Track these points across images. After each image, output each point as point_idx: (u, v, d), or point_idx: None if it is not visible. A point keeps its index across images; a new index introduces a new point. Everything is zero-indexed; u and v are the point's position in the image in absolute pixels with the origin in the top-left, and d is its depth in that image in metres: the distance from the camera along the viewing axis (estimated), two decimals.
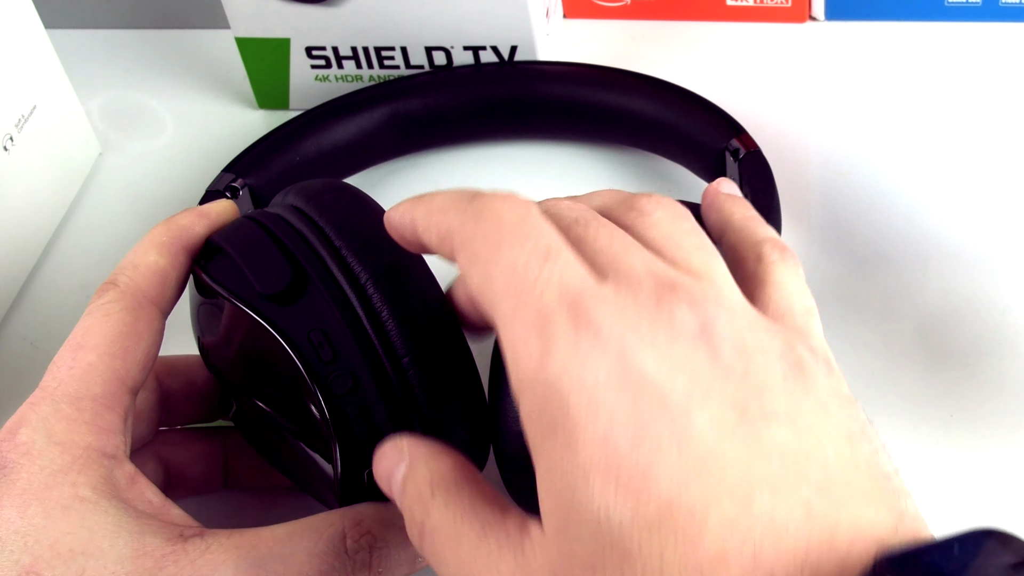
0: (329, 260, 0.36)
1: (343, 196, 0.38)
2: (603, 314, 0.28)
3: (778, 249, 0.34)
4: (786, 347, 0.30)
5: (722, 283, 0.31)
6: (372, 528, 0.35)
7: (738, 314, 0.30)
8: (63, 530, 0.33)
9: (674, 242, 0.31)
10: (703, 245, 0.32)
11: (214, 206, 0.40)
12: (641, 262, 0.30)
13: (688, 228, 0.32)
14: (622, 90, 0.53)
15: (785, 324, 0.31)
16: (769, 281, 0.33)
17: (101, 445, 0.35)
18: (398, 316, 0.35)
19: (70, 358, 0.36)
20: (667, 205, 0.33)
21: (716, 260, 0.31)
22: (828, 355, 0.31)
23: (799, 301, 0.33)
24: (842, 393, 0.30)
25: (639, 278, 0.29)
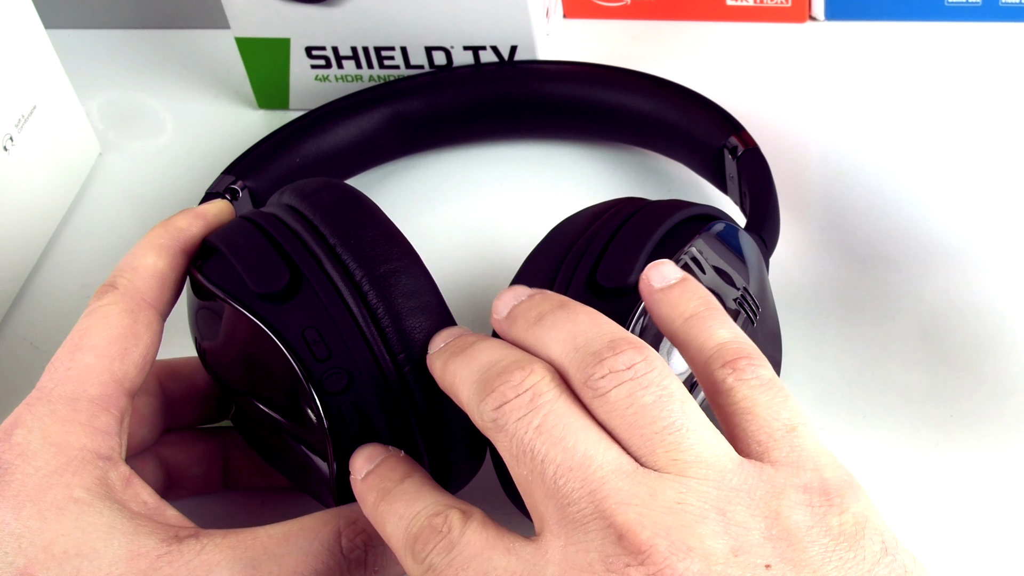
0: (323, 258, 0.36)
1: (337, 194, 0.38)
2: None
3: (729, 366, 0.32)
4: (770, 520, 0.29)
5: (694, 464, 0.30)
6: (367, 527, 0.35)
7: (708, 512, 0.29)
8: (57, 532, 0.33)
9: (638, 430, 0.30)
10: (672, 422, 0.30)
11: (210, 207, 0.40)
12: (588, 501, 0.29)
13: (652, 402, 0.30)
14: (621, 88, 0.53)
15: (771, 460, 0.30)
16: (735, 412, 0.31)
17: (96, 446, 0.35)
18: (393, 314, 0.35)
19: (68, 359, 0.36)
20: (624, 374, 0.31)
21: (686, 435, 0.30)
22: (823, 475, 0.30)
23: (775, 423, 0.31)
24: (846, 533, 0.29)
25: (586, 533, 0.29)
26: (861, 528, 0.29)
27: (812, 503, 0.29)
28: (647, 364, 0.31)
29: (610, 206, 0.41)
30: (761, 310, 0.39)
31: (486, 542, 0.30)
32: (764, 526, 0.29)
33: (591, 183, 0.54)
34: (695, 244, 0.38)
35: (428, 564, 0.31)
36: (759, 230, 0.44)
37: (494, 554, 0.30)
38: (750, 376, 0.31)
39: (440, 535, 0.31)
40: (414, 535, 0.31)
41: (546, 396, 0.31)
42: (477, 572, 0.30)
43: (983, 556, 0.39)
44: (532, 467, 0.30)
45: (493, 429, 0.31)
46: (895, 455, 0.42)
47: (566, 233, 0.40)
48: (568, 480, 0.30)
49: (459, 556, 0.30)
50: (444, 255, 0.51)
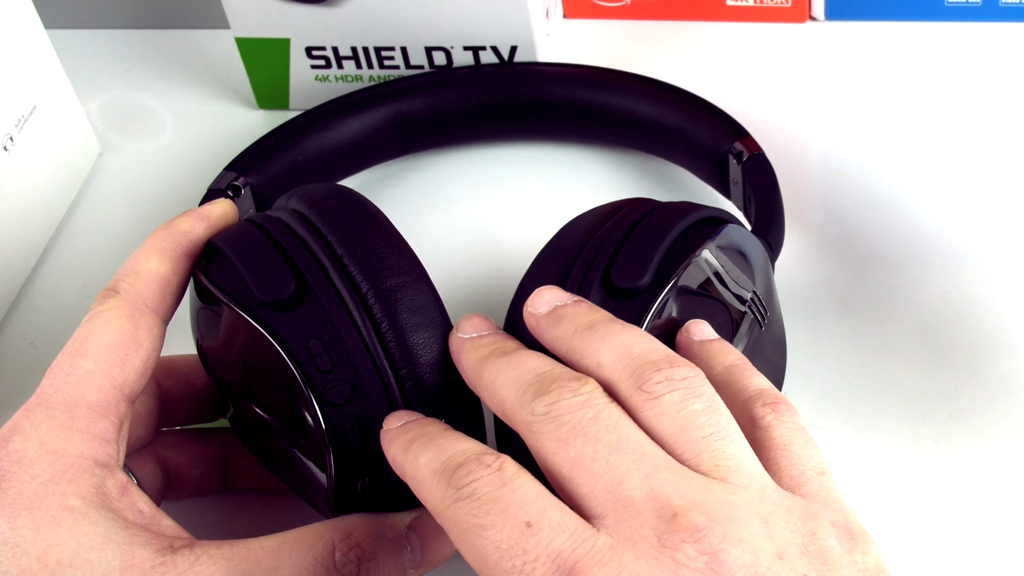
0: (330, 269, 0.36)
1: (346, 203, 0.38)
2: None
3: (770, 407, 0.33)
4: (807, 538, 0.30)
5: (737, 471, 0.30)
6: (361, 541, 0.35)
7: (752, 516, 0.29)
8: (52, 541, 0.33)
9: (686, 434, 0.31)
10: (719, 430, 0.31)
11: (214, 208, 0.40)
12: (643, 482, 0.29)
13: (701, 409, 0.31)
14: (625, 92, 0.53)
15: (803, 494, 0.31)
16: (771, 447, 0.32)
17: (93, 454, 0.35)
18: (397, 329, 0.35)
19: (67, 364, 0.36)
20: (679, 383, 0.32)
21: (731, 444, 0.31)
22: (848, 519, 0.31)
23: (808, 463, 0.32)
24: (868, 570, 0.30)
25: (638, 511, 0.29)
26: (881, 571, 0.30)
27: (840, 537, 0.30)
28: (700, 379, 0.32)
29: (621, 206, 0.41)
30: (769, 314, 0.40)
31: (541, 492, 0.30)
32: (801, 542, 0.29)
33: (592, 185, 0.54)
34: (707, 247, 0.38)
35: (470, 492, 0.30)
36: (765, 235, 0.44)
37: (549, 505, 0.30)
38: (787, 419, 0.33)
39: (491, 469, 0.30)
40: (457, 463, 0.31)
41: (600, 400, 0.32)
42: (529, 515, 0.29)
43: (983, 556, 0.39)
44: (583, 448, 0.30)
45: (543, 421, 0.31)
46: (895, 455, 0.42)
47: (577, 232, 0.40)
48: (623, 462, 0.30)
49: (511, 495, 0.30)
50: (445, 256, 0.51)
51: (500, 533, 0.29)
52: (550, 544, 0.29)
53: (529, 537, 0.29)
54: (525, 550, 0.29)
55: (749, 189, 0.47)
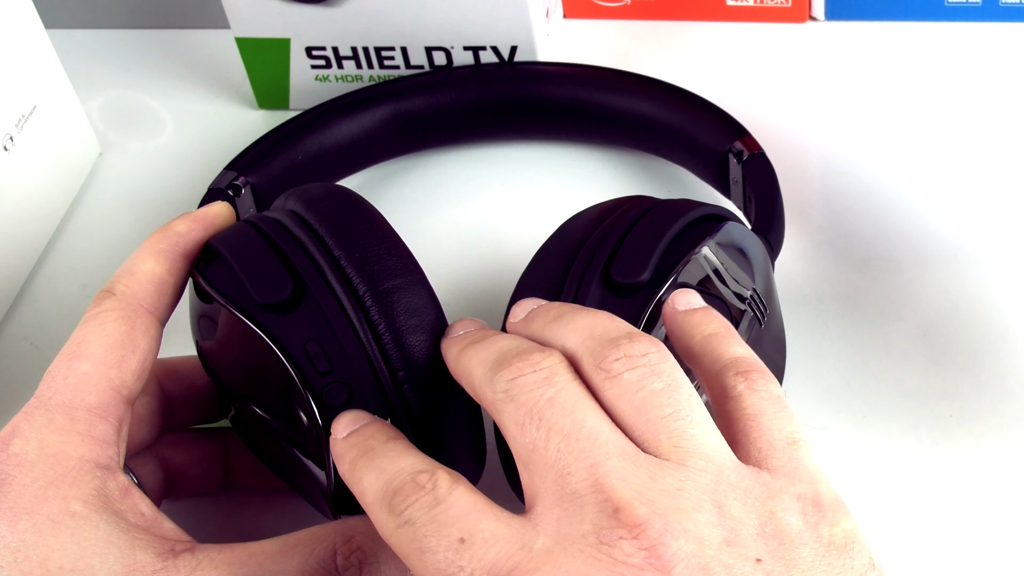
0: (328, 271, 0.36)
1: (343, 204, 0.38)
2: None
3: (742, 376, 0.32)
4: (764, 518, 0.29)
5: (694, 453, 0.30)
6: (363, 543, 0.35)
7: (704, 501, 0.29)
8: (53, 546, 0.33)
9: (644, 414, 0.30)
10: (678, 409, 0.30)
11: (211, 210, 0.40)
12: (588, 473, 0.29)
13: (661, 388, 0.31)
14: (625, 92, 0.53)
15: (770, 468, 0.30)
16: (741, 418, 0.32)
17: (94, 456, 0.35)
18: (395, 331, 0.35)
19: (65, 367, 0.36)
20: (637, 360, 0.31)
21: (690, 423, 0.30)
22: (818, 489, 0.30)
23: (778, 433, 0.31)
24: (835, 543, 0.29)
25: (581, 506, 0.29)
26: (850, 542, 0.29)
27: (805, 511, 0.30)
28: (660, 356, 0.32)
29: (621, 203, 0.41)
30: (768, 312, 0.40)
31: (474, 505, 0.30)
32: (758, 523, 0.29)
33: (592, 184, 0.54)
34: (707, 244, 0.38)
35: (407, 518, 0.30)
36: (765, 234, 0.44)
37: (482, 517, 0.30)
38: (760, 388, 0.32)
39: (424, 490, 0.30)
40: (395, 488, 0.31)
41: (561, 376, 0.31)
42: (461, 532, 0.29)
43: (983, 556, 0.39)
44: (537, 435, 0.30)
45: (503, 399, 0.31)
46: (895, 455, 0.42)
47: (577, 229, 0.40)
48: (572, 451, 0.30)
49: (443, 513, 0.30)
50: (444, 256, 0.51)
51: (437, 555, 0.29)
52: (484, 557, 0.29)
53: (463, 553, 0.29)
54: (460, 567, 0.29)
55: (749, 188, 0.47)
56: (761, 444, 0.31)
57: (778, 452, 0.31)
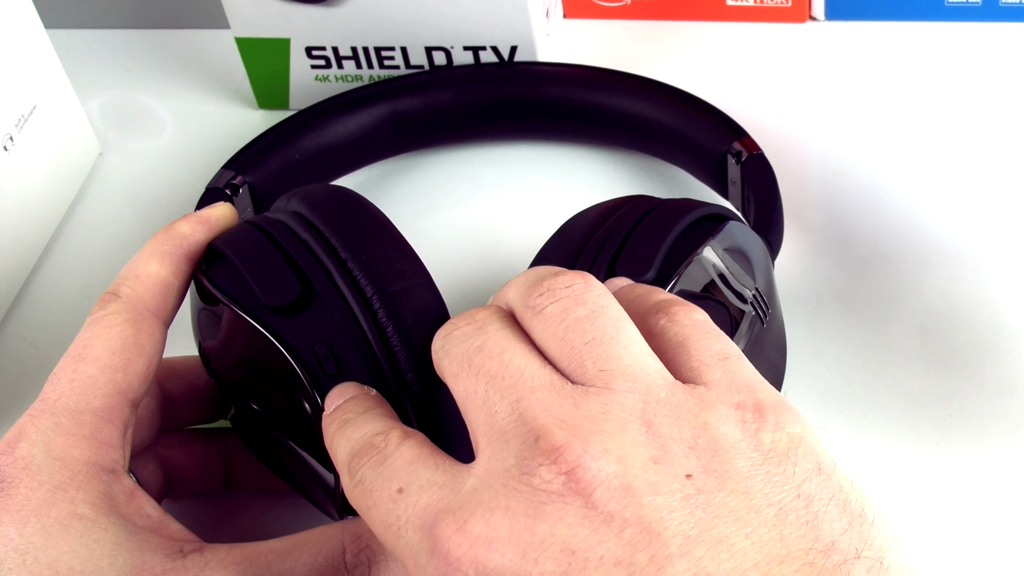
0: (335, 273, 0.36)
1: (348, 205, 0.37)
2: (452, 526, 0.28)
3: (662, 312, 0.32)
4: (696, 431, 0.28)
5: (620, 375, 0.29)
6: (371, 542, 0.35)
7: (630, 421, 0.28)
8: (62, 548, 0.33)
9: (568, 343, 0.30)
10: (602, 334, 0.30)
11: (214, 212, 0.40)
12: (512, 408, 0.29)
13: (584, 315, 0.30)
14: (623, 93, 0.53)
15: (705, 382, 0.30)
16: (668, 348, 0.31)
17: (100, 460, 0.35)
18: (403, 332, 0.35)
19: (71, 370, 0.36)
20: (561, 292, 0.31)
21: (615, 346, 0.30)
22: (758, 396, 0.29)
23: (707, 352, 0.31)
24: (777, 449, 0.28)
25: (506, 441, 0.29)
26: (795, 447, 0.28)
27: (744, 419, 0.29)
28: (586, 285, 0.31)
29: (623, 202, 0.41)
30: (770, 311, 0.40)
31: (417, 457, 0.30)
32: (690, 436, 0.28)
33: (591, 185, 0.54)
34: (710, 243, 0.38)
35: (359, 478, 0.31)
36: (765, 234, 0.44)
37: (421, 467, 0.30)
38: (683, 318, 0.32)
39: (376, 450, 0.31)
40: (354, 452, 0.32)
41: (493, 325, 0.31)
42: (400, 482, 0.30)
43: (983, 556, 0.39)
44: (467, 381, 0.30)
45: (441, 356, 0.32)
46: (895, 455, 0.42)
47: (579, 228, 0.40)
48: (498, 390, 0.30)
49: (388, 468, 0.30)
50: (444, 255, 0.51)
51: (380, 508, 0.30)
52: (417, 503, 0.29)
53: (400, 502, 0.29)
54: (397, 516, 0.29)
55: (748, 189, 0.47)
56: (692, 364, 0.30)
57: (711, 368, 0.30)
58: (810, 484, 0.28)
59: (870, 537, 0.27)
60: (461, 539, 0.28)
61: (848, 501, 0.28)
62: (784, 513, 0.27)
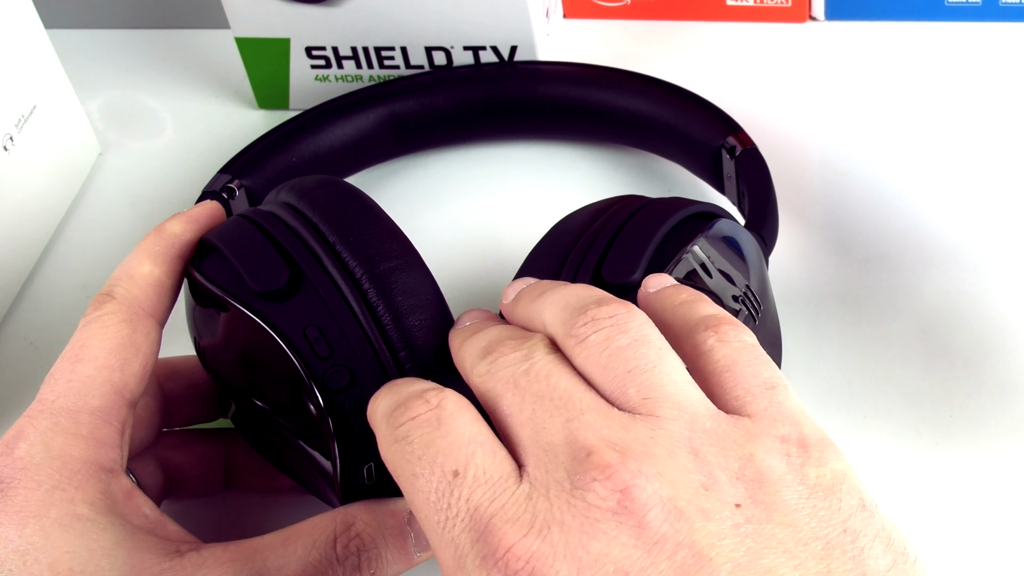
0: (324, 256, 0.36)
1: (336, 191, 0.38)
2: (511, 538, 0.27)
3: (711, 330, 0.32)
4: (743, 462, 0.28)
5: (664, 403, 0.29)
6: (362, 531, 0.35)
7: (678, 448, 0.28)
8: (62, 549, 0.33)
9: (611, 371, 0.30)
10: (645, 362, 0.30)
11: (202, 210, 0.40)
12: (563, 427, 0.29)
13: (627, 344, 0.30)
14: (617, 89, 0.53)
15: (750, 413, 0.30)
16: (714, 371, 0.31)
17: (99, 459, 0.35)
18: (394, 311, 0.35)
19: (68, 371, 0.36)
20: (604, 322, 0.31)
21: (658, 375, 0.30)
22: (803, 431, 0.29)
23: (754, 380, 0.30)
24: (822, 485, 0.28)
25: (556, 455, 0.29)
26: (839, 483, 0.28)
27: (789, 452, 0.29)
28: (628, 315, 0.31)
29: (612, 203, 0.41)
30: (762, 309, 0.40)
31: (476, 436, 0.30)
32: (737, 467, 0.28)
33: (589, 183, 0.54)
34: (698, 242, 0.38)
35: (404, 433, 0.30)
36: (759, 229, 0.44)
37: (480, 450, 0.29)
38: (732, 339, 0.31)
39: (428, 406, 0.30)
40: (400, 401, 0.31)
41: (537, 352, 0.31)
42: (455, 463, 0.29)
43: (983, 556, 0.39)
44: (512, 401, 0.30)
45: (484, 380, 0.31)
46: (895, 455, 0.42)
47: (569, 230, 0.40)
48: (546, 409, 0.30)
49: (443, 439, 0.30)
50: (443, 255, 0.51)
51: (429, 483, 0.29)
52: (471, 498, 0.28)
53: (454, 489, 0.29)
54: (448, 504, 0.29)
55: (742, 184, 0.47)
56: (738, 392, 0.30)
57: (757, 398, 0.30)
58: (855, 520, 0.28)
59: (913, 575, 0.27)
60: (520, 552, 0.27)
61: (892, 539, 0.28)
62: (831, 547, 0.27)
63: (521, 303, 0.35)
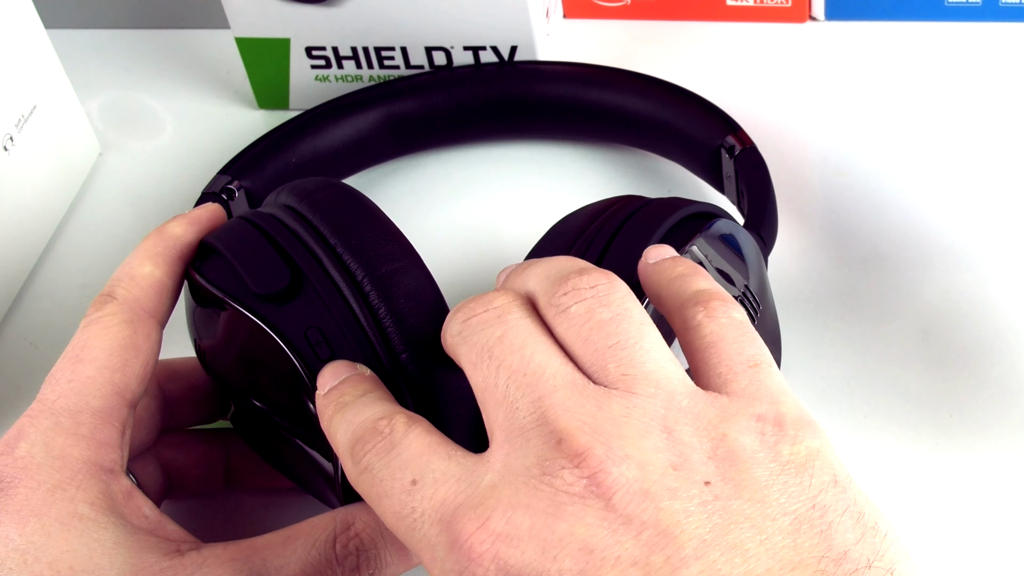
0: (325, 258, 0.36)
1: (336, 194, 0.38)
2: (474, 523, 0.28)
3: (701, 305, 0.32)
4: (716, 441, 0.28)
5: (643, 380, 0.29)
6: (361, 531, 0.35)
7: (652, 427, 0.28)
8: (62, 548, 0.33)
9: (592, 344, 0.30)
10: (626, 338, 0.30)
11: (203, 212, 0.40)
12: (534, 406, 0.29)
13: (609, 318, 0.30)
14: (616, 89, 0.53)
15: (729, 391, 0.30)
16: (701, 346, 0.31)
17: (99, 459, 0.35)
18: (395, 314, 0.35)
19: (69, 371, 0.36)
20: (586, 292, 0.31)
21: (638, 351, 0.30)
22: (780, 409, 0.29)
23: (738, 357, 0.31)
24: (795, 462, 0.28)
25: (527, 440, 0.29)
26: (812, 459, 0.29)
27: (764, 431, 0.29)
28: (610, 287, 0.31)
29: (610, 204, 0.41)
30: (761, 308, 0.40)
31: (428, 446, 0.30)
32: (709, 446, 0.29)
33: (589, 183, 0.54)
34: (696, 242, 0.38)
35: (365, 464, 0.31)
36: (758, 228, 0.44)
37: (434, 458, 0.30)
38: (721, 315, 0.32)
39: (381, 436, 0.31)
40: (357, 437, 0.31)
41: (513, 314, 0.31)
42: (413, 474, 0.30)
43: (983, 556, 0.39)
44: (487, 373, 0.30)
45: (458, 342, 0.31)
46: (895, 455, 0.42)
47: (567, 231, 0.40)
48: (520, 386, 0.30)
49: (397, 458, 0.30)
50: (442, 255, 0.51)
51: (392, 499, 0.30)
52: (433, 496, 0.29)
53: (415, 494, 0.29)
54: (412, 508, 0.29)
55: (741, 183, 0.47)
56: (721, 369, 0.31)
57: (738, 376, 0.30)
58: (825, 496, 0.28)
59: (882, 549, 0.28)
60: (483, 535, 0.28)
61: (863, 514, 0.28)
62: (799, 522, 0.28)
63: (508, 278, 0.34)
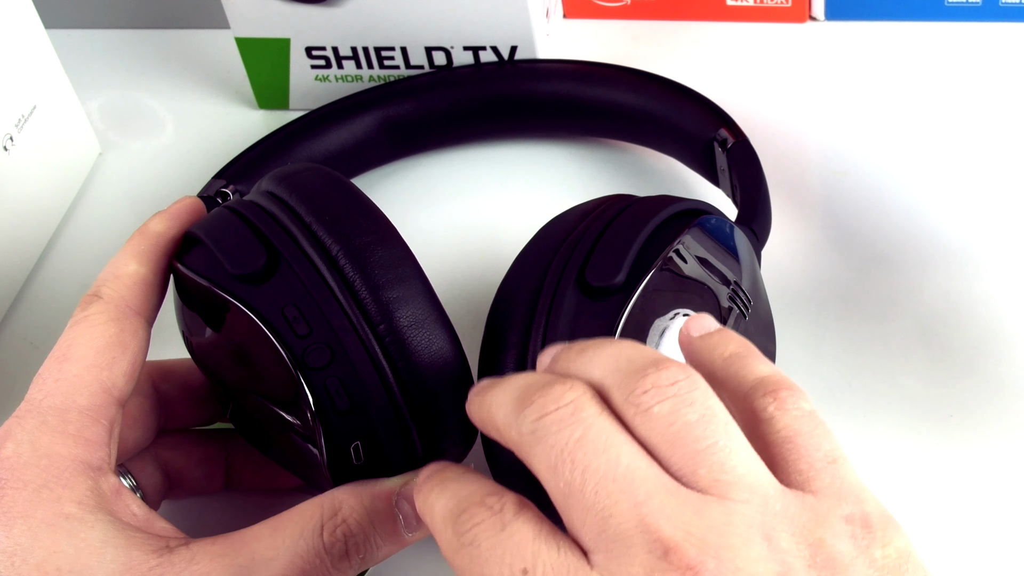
0: (299, 236, 0.36)
1: (312, 174, 0.38)
2: None
3: (771, 396, 0.31)
4: (814, 548, 0.28)
5: (736, 485, 0.29)
6: (348, 516, 0.35)
7: (753, 535, 0.28)
8: (50, 548, 0.33)
9: (680, 448, 0.29)
10: (716, 441, 0.29)
11: (181, 206, 0.40)
12: (632, 512, 0.28)
13: (695, 420, 0.29)
14: (608, 84, 0.53)
15: (813, 490, 0.30)
16: (776, 441, 0.30)
17: (87, 457, 0.35)
18: (371, 285, 0.35)
19: (55, 370, 0.36)
20: (667, 390, 0.30)
21: (730, 454, 0.29)
22: (865, 508, 0.29)
23: (816, 453, 0.30)
24: (888, 565, 0.28)
25: (629, 546, 0.28)
26: (904, 561, 0.29)
27: (855, 534, 0.29)
28: (691, 383, 0.30)
29: (598, 204, 0.41)
30: (753, 303, 0.39)
31: (539, 534, 0.29)
32: (808, 554, 0.28)
33: (585, 182, 0.54)
34: (683, 240, 0.38)
35: (471, 538, 0.29)
36: (750, 222, 0.44)
37: (544, 547, 0.29)
38: (791, 406, 0.31)
39: (492, 511, 0.29)
40: (462, 508, 0.30)
41: (588, 410, 0.30)
42: (524, 562, 0.28)
43: (983, 556, 0.39)
44: (571, 478, 0.29)
45: (531, 441, 0.30)
46: (895, 455, 0.42)
47: (554, 232, 0.40)
48: (611, 492, 0.28)
49: (509, 539, 0.29)
50: (440, 255, 0.51)
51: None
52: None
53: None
54: None
55: (734, 176, 0.47)
56: (801, 466, 0.30)
57: (820, 473, 0.30)
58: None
59: None
60: None
61: None
62: None
63: (560, 362, 0.32)
